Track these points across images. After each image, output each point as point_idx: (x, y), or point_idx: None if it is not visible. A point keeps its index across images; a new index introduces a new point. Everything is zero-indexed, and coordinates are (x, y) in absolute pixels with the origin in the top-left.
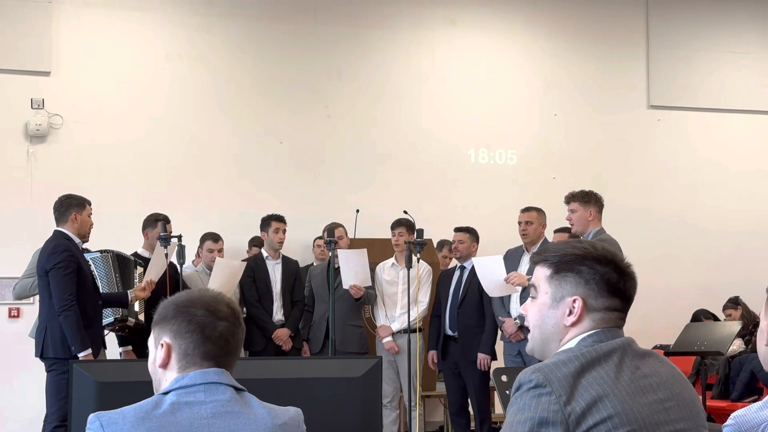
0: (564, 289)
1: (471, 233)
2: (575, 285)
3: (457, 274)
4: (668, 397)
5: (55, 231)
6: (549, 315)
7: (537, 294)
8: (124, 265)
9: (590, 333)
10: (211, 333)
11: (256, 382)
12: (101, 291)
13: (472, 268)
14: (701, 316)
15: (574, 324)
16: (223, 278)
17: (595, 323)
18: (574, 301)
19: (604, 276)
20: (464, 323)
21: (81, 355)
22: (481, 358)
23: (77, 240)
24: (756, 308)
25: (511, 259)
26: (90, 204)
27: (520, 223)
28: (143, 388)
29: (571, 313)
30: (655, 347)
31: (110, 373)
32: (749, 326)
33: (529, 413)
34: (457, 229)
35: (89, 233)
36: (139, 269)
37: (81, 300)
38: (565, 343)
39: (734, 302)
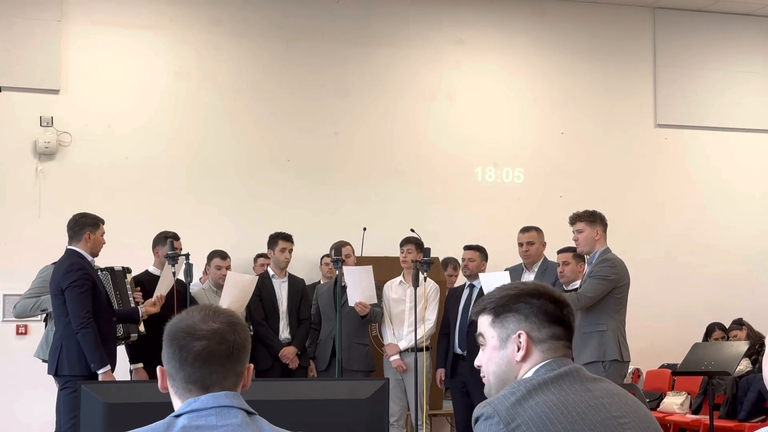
0: (508, 328)
1: (480, 251)
2: (517, 322)
3: (466, 292)
4: (623, 414)
5: (68, 249)
6: (500, 356)
7: (485, 342)
8: (117, 279)
9: (543, 364)
10: (186, 356)
11: (263, 404)
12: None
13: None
14: (716, 327)
15: (524, 358)
16: (235, 293)
17: (545, 354)
18: (519, 335)
19: (542, 308)
20: (474, 342)
21: (101, 372)
22: None
23: (90, 258)
24: (763, 327)
25: (512, 277)
26: (103, 223)
27: (521, 244)
28: (152, 410)
29: (519, 348)
30: (663, 366)
31: (119, 395)
32: (755, 346)
33: None
34: (467, 247)
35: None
36: (129, 276)
37: (96, 317)
38: (521, 377)
39: (739, 323)
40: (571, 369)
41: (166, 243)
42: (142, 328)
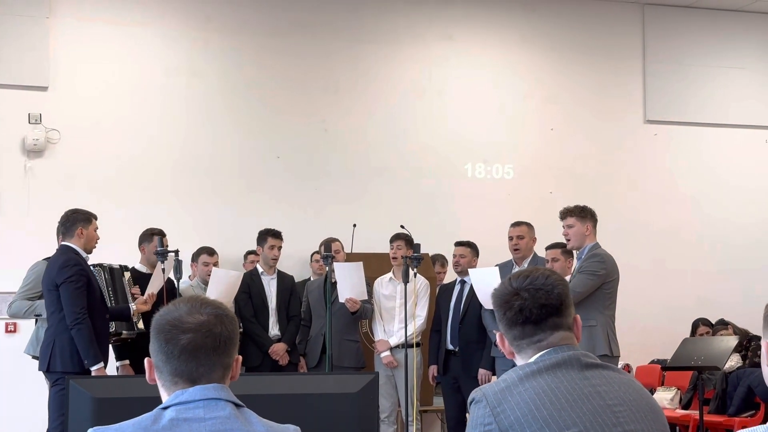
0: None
1: (472, 247)
2: (502, 326)
3: (457, 288)
4: (618, 403)
5: (62, 245)
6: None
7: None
8: (115, 277)
9: (545, 351)
10: (172, 349)
11: (253, 398)
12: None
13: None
14: (700, 323)
15: (512, 354)
16: (220, 289)
17: (539, 347)
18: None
19: (507, 320)
20: (465, 338)
21: (94, 368)
22: (482, 373)
23: (84, 254)
24: (752, 323)
25: (502, 273)
26: (96, 218)
27: (511, 238)
28: (140, 404)
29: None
30: (653, 361)
31: (107, 389)
32: (743, 342)
33: (472, 427)
34: (458, 243)
35: (94, 248)
36: (127, 275)
37: (90, 314)
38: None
39: (723, 324)
40: (570, 356)
41: (152, 240)
42: (141, 325)
